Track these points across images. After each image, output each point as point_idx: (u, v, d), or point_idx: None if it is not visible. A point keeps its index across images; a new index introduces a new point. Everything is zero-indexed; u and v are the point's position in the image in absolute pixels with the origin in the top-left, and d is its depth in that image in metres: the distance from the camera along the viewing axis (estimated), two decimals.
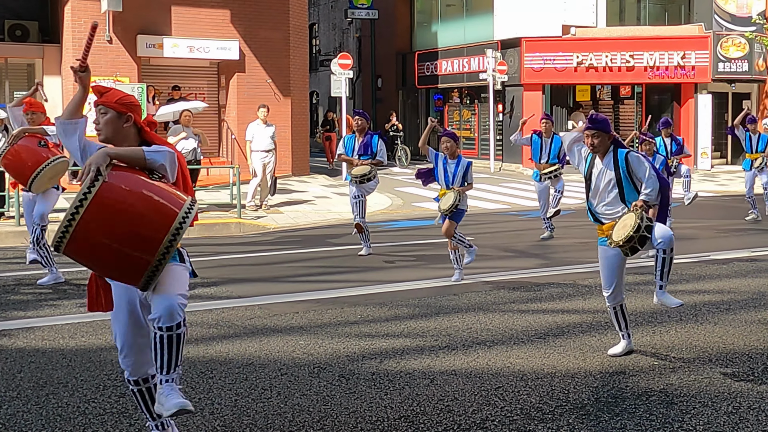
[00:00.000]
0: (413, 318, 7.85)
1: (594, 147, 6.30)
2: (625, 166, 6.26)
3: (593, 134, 6.27)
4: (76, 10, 19.62)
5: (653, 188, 6.23)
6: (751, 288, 9.23)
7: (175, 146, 14.66)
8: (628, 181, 6.27)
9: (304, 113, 24.29)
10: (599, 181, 6.36)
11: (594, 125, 6.29)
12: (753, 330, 7.36)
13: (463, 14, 30.17)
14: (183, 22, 20.81)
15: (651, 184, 6.23)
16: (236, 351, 6.71)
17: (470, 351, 6.66)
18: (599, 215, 6.42)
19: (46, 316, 7.96)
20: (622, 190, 6.29)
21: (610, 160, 6.32)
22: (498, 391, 5.69)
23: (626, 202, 6.28)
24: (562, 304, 8.50)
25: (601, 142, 6.29)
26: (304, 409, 5.37)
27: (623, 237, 6.01)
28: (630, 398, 5.54)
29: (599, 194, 6.38)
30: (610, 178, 6.31)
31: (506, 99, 27.02)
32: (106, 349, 6.78)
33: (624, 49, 25.22)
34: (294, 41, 22.78)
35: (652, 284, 9.43)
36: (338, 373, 6.13)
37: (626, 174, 6.26)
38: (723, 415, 5.23)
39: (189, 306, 8.27)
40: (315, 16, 39.20)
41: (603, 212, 6.39)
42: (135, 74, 20.09)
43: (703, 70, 24.87)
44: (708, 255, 11.41)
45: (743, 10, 25.35)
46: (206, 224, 14.42)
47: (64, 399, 5.57)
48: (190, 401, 4.04)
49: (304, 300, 8.69)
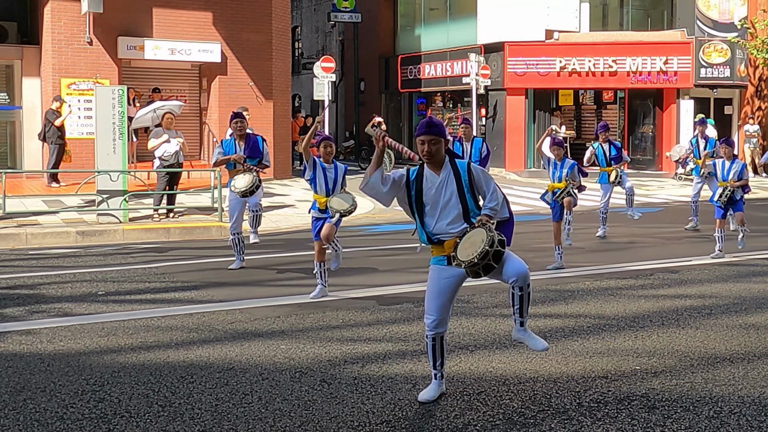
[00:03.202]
0: (395, 322, 7.82)
1: (431, 155, 5.42)
2: (467, 177, 5.48)
3: (430, 140, 5.39)
4: (56, 11, 19.49)
5: (498, 201, 5.50)
6: (732, 293, 9.27)
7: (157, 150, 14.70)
8: (471, 194, 5.49)
9: (287, 116, 24.25)
10: (439, 197, 5.46)
11: (430, 130, 5.41)
12: (734, 334, 7.38)
13: (446, 18, 30.21)
14: (164, 24, 20.71)
15: (496, 197, 5.51)
16: (217, 355, 6.66)
17: (452, 355, 6.63)
18: (442, 235, 5.48)
19: (23, 319, 7.87)
20: (466, 203, 5.47)
21: (449, 171, 5.49)
22: (480, 396, 5.67)
23: (470, 219, 5.48)
24: (544, 308, 8.49)
25: (438, 150, 5.43)
26: (286, 413, 5.33)
27: (476, 255, 5.18)
28: (612, 403, 5.53)
29: (440, 210, 5.47)
30: (452, 191, 5.46)
31: (489, 103, 27.06)
32: (85, 353, 6.71)
33: (607, 54, 25.32)
34: (276, 44, 22.73)
35: (635, 288, 9.50)
36: (320, 377, 6.09)
37: (469, 186, 5.48)
38: (704, 419, 5.23)
39: (169, 310, 8.27)
40: (298, 18, 39.14)
41: (447, 231, 5.46)
42: (115, 76, 19.97)
43: (685, 75, 25.01)
44: (690, 260, 11.45)
45: (725, 16, 25.52)
46: (187, 227, 14.34)
47: (42, 404, 5.50)
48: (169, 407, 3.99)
49: (286, 304, 8.64)
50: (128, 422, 5.15)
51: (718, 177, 11.56)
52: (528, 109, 26.35)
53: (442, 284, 5.55)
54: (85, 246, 12.97)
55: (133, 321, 7.84)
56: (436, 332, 5.59)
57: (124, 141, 14.53)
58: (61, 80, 19.47)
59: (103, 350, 6.84)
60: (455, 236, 5.44)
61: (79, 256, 11.82)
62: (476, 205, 5.52)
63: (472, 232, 5.35)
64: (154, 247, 12.94)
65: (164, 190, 15.05)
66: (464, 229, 5.43)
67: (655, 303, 8.72)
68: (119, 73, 20.22)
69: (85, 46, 19.66)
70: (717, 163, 11.73)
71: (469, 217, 5.47)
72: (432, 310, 5.58)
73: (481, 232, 5.30)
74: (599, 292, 9.29)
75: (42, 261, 11.58)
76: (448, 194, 5.46)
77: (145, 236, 13.91)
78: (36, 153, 20.35)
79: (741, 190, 11.41)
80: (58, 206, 15.60)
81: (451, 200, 5.45)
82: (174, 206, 15.49)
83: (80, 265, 10.99)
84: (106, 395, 5.67)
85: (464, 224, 5.46)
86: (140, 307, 8.49)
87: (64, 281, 9.81)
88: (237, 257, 10.74)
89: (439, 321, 5.57)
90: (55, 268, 10.76)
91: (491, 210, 5.48)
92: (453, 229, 5.46)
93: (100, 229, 13.79)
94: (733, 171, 11.36)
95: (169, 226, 14.36)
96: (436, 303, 5.57)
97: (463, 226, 5.45)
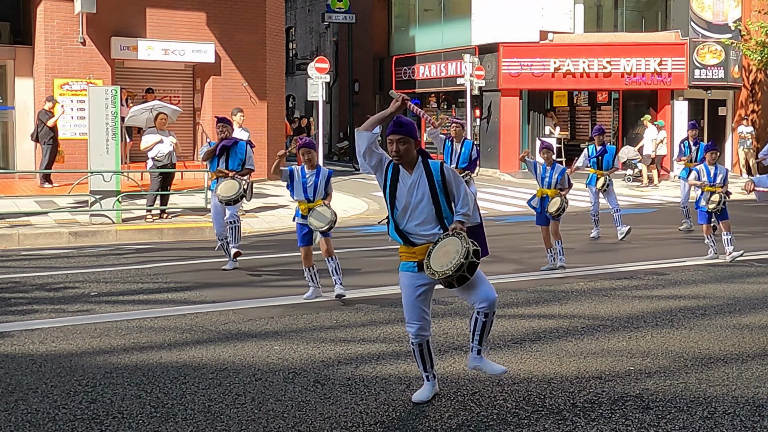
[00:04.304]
0: (389, 323, 7.81)
1: (399, 155, 5.34)
2: (440, 178, 5.38)
3: (398, 140, 5.31)
4: (49, 12, 19.43)
5: (469, 207, 5.41)
6: (726, 293, 9.27)
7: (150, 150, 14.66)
8: (444, 195, 5.39)
9: (281, 117, 24.22)
10: (411, 197, 5.37)
11: (398, 130, 5.33)
12: (728, 335, 7.38)
13: (440, 19, 30.21)
14: (158, 24, 20.67)
15: (467, 202, 5.40)
16: (210, 356, 6.64)
17: (446, 356, 6.62)
18: (411, 236, 5.42)
19: (15, 320, 7.84)
20: (439, 205, 5.38)
21: (421, 172, 5.39)
22: (474, 396, 5.66)
23: (443, 220, 5.38)
24: (538, 309, 8.49)
25: (407, 150, 5.34)
26: (279, 414, 5.31)
27: (451, 266, 5.10)
28: (606, 403, 5.52)
29: (410, 211, 5.38)
30: (424, 193, 5.36)
31: (483, 104, 27.07)
32: (77, 354, 6.68)
33: (601, 55, 25.34)
34: (270, 45, 22.71)
35: (629, 288, 9.50)
36: (313, 378, 6.07)
37: (442, 187, 5.38)
38: (698, 420, 5.22)
39: (162, 311, 8.24)
40: (292, 19, 39.12)
41: (417, 232, 5.39)
42: (109, 76, 19.92)
43: (679, 76, 25.04)
44: (683, 261, 11.45)
45: (719, 18, 25.56)
46: (181, 228, 14.30)
47: (33, 405, 5.47)
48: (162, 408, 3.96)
49: (279, 305, 8.62)
50: (120, 423, 5.13)
51: (705, 182, 11.42)
52: (522, 110, 26.35)
53: (418, 293, 5.49)
54: (78, 247, 12.93)
55: (126, 322, 7.81)
56: (421, 338, 5.54)
57: (117, 141, 14.48)
58: (54, 80, 19.42)
59: (96, 351, 6.81)
60: (427, 241, 5.35)
61: (71, 257, 11.78)
62: (449, 207, 5.43)
63: (446, 241, 5.23)
64: (147, 247, 12.91)
65: (157, 190, 15.01)
66: (437, 236, 5.32)
67: (649, 304, 8.72)
68: (112, 74, 20.17)
69: (78, 46, 19.62)
70: (700, 169, 11.63)
71: (442, 219, 5.38)
72: (412, 319, 5.52)
73: (455, 242, 5.18)
74: (593, 292, 9.29)
75: (34, 262, 11.54)
76: (420, 195, 5.36)
77: (138, 237, 13.87)
78: (29, 153, 20.29)
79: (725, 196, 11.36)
80: (50, 207, 15.55)
81: (422, 202, 5.35)
82: (167, 207, 15.45)
83: (73, 266, 10.95)
84: (99, 396, 5.64)
85: (436, 227, 5.37)
86: (133, 308, 8.46)
87: (56, 282, 9.77)
88: (229, 259, 10.72)
89: (420, 327, 5.51)
90: (48, 269, 10.72)
91: (464, 216, 5.38)
92: (423, 231, 5.38)
93: (92, 230, 13.75)
94: (720, 176, 11.27)
95: (162, 227, 14.32)
96: (414, 313, 5.51)
97: (435, 230, 5.36)
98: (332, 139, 35.87)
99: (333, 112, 36.16)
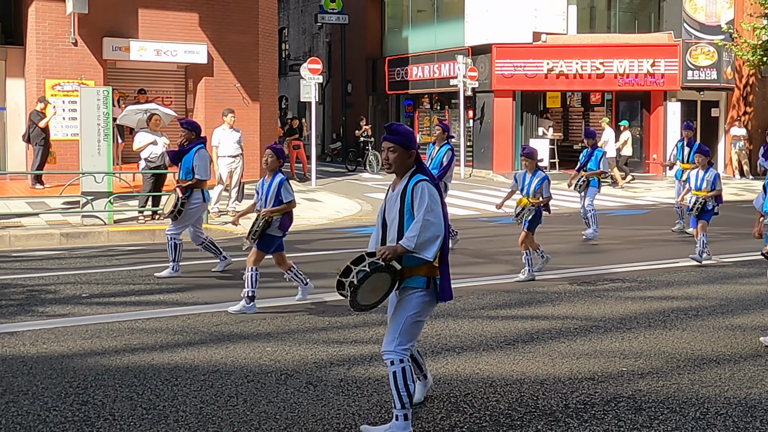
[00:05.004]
0: (382, 324, 7.78)
1: (389, 163, 4.92)
2: (410, 197, 4.83)
3: (388, 148, 4.89)
4: (40, 12, 19.36)
5: (417, 235, 4.70)
6: (719, 294, 9.28)
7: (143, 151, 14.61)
8: (411, 216, 4.83)
9: (273, 118, 24.18)
10: (388, 213, 4.98)
11: (389, 137, 4.90)
12: (720, 336, 7.39)
13: (433, 20, 30.21)
14: (150, 24, 20.61)
15: (417, 228, 4.71)
16: (202, 358, 6.61)
17: (439, 357, 6.61)
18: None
19: (6, 322, 7.80)
20: (403, 228, 4.86)
21: (403, 186, 4.90)
22: (467, 398, 5.65)
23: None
24: (531, 310, 8.48)
25: (399, 160, 4.89)
26: (271, 416, 5.30)
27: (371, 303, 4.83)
28: (599, 404, 5.52)
29: (389, 228, 4.97)
30: (398, 210, 4.89)
31: (477, 105, 27.08)
32: (69, 356, 6.65)
33: (594, 56, 25.37)
34: (263, 45, 22.67)
35: (622, 289, 9.50)
36: (305, 380, 6.05)
37: (410, 207, 4.84)
38: (691, 420, 5.22)
39: (154, 312, 8.21)
40: (285, 20, 39.09)
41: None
42: (101, 77, 19.86)
43: (672, 77, 25.08)
44: (676, 262, 11.46)
45: (712, 19, 25.62)
46: None
47: (24, 407, 5.44)
48: (153, 410, 3.94)
49: (271, 306, 8.60)
50: (112, 425, 5.10)
51: (691, 186, 11.37)
52: (515, 111, 26.36)
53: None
54: (70, 248, 12.88)
55: (118, 323, 7.78)
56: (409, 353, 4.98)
57: (108, 142, 14.44)
58: (46, 81, 19.35)
59: (87, 353, 6.78)
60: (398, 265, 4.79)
61: (63, 258, 11.74)
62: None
63: (378, 276, 4.71)
64: (139, 249, 12.87)
65: (150, 191, 14.97)
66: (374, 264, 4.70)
67: (641, 305, 8.72)
68: (104, 74, 20.10)
69: (70, 46, 19.54)
70: (691, 173, 11.58)
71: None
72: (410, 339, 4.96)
73: (386, 278, 4.75)
74: (586, 293, 9.29)
75: (25, 263, 11.50)
76: (394, 212, 4.92)
77: (130, 238, 13.83)
78: (20, 154, 20.23)
79: (714, 201, 11.12)
80: (42, 208, 15.50)
81: (395, 220, 4.91)
82: (159, 208, 15.39)
83: (64, 267, 10.91)
84: (90, 398, 5.61)
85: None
86: (125, 310, 8.43)
87: (47, 283, 9.73)
88: (219, 260, 10.72)
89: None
90: (39, 270, 10.68)
91: (408, 240, 4.72)
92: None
93: (84, 231, 13.70)
94: (706, 180, 11.14)
95: (154, 228, 14.27)
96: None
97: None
98: (325, 140, 35.85)
99: (326, 113, 36.15)
